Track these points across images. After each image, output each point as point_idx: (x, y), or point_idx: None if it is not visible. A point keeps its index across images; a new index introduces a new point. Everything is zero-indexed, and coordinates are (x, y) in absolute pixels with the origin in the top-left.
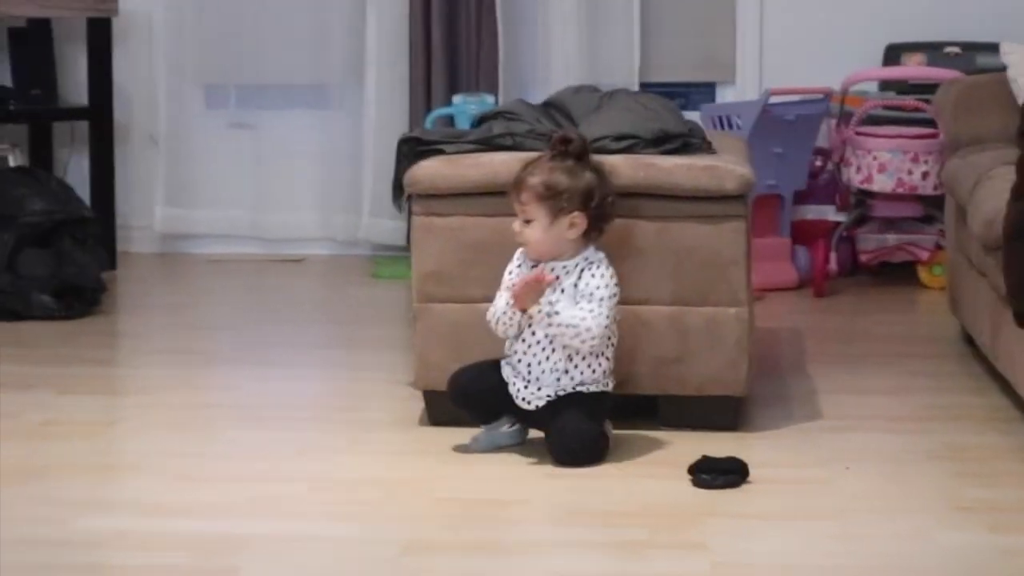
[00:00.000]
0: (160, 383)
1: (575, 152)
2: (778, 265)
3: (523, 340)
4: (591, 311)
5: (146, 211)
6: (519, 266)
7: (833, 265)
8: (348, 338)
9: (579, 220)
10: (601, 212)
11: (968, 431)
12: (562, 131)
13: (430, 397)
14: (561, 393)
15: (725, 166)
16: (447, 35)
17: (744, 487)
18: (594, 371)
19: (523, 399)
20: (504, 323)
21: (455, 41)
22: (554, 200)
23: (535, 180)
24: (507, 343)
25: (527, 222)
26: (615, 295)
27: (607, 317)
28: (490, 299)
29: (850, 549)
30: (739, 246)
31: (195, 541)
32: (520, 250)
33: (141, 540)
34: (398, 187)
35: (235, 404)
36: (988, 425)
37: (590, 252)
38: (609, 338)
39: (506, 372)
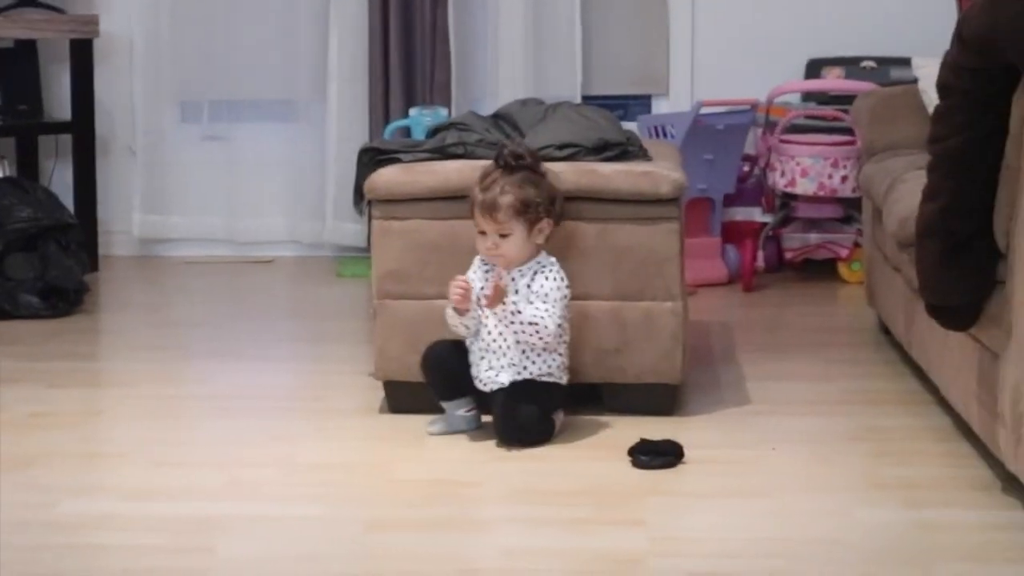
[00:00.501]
0: (140, 376)
1: (529, 164)
2: (709, 262)
3: (487, 332)
4: (547, 311)
5: (125, 217)
6: (487, 271)
7: (760, 262)
8: (314, 333)
9: (547, 226)
10: (560, 214)
11: (885, 414)
12: (511, 146)
13: (390, 386)
14: (517, 379)
15: (660, 171)
16: (403, 54)
17: (680, 467)
18: (549, 365)
19: (481, 381)
20: (459, 330)
21: (411, 59)
22: (528, 212)
23: (509, 199)
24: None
25: (503, 236)
26: (567, 296)
27: (560, 316)
28: (443, 296)
29: (778, 524)
30: (673, 245)
31: (174, 522)
32: (478, 259)
33: (124, 522)
34: (359, 193)
35: (210, 395)
36: (903, 408)
37: (542, 256)
38: (562, 335)
39: (471, 356)
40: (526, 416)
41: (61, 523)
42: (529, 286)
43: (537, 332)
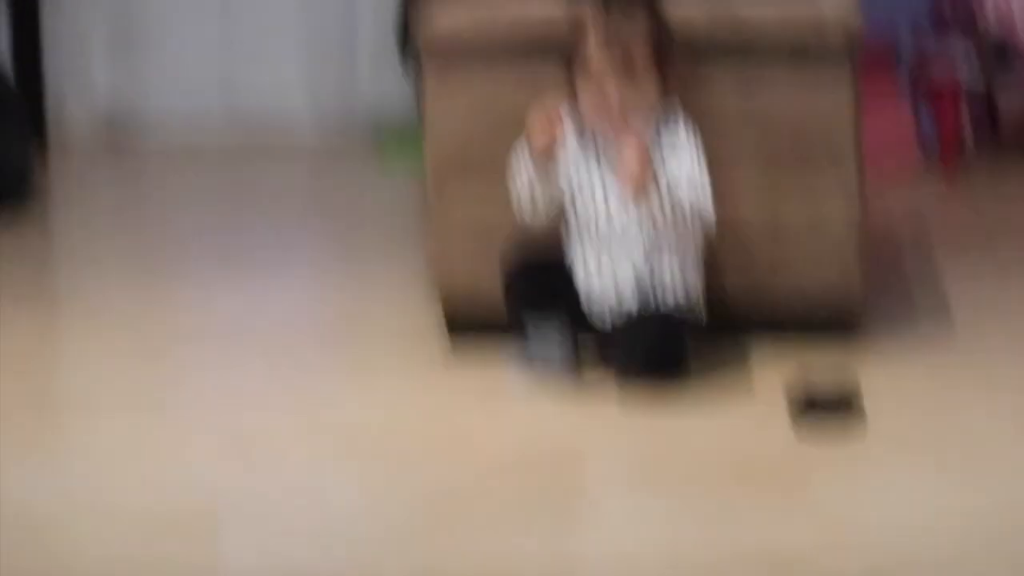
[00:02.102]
0: (112, 303)
1: None
2: (894, 135)
3: (598, 247)
4: (701, 184)
5: (85, 78)
6: (583, 151)
7: (968, 133)
8: (345, 236)
9: (671, 74)
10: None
11: None
12: None
13: (453, 314)
14: (646, 312)
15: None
16: None
17: (858, 425)
18: (686, 290)
19: (599, 316)
20: (527, 192)
21: None
22: (663, 47)
23: (645, 24)
24: (568, 252)
25: (630, 81)
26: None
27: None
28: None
29: (998, 509)
30: (846, 111)
31: (164, 500)
32: (571, 126)
33: (97, 499)
34: (404, 38)
35: (207, 329)
36: None
37: (663, 114)
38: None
39: (577, 283)
40: (666, 339)
41: (11, 502)
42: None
43: (699, 221)
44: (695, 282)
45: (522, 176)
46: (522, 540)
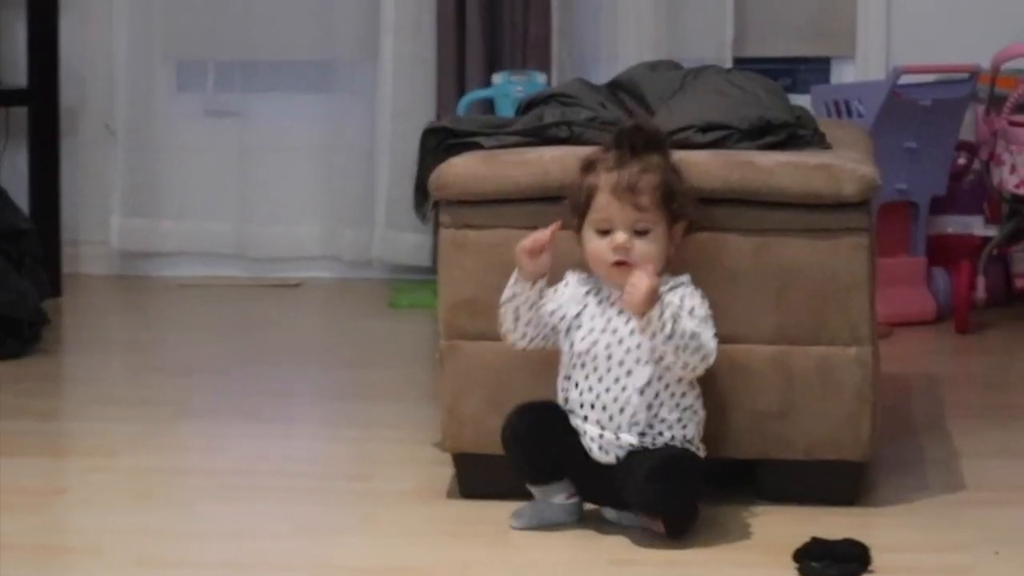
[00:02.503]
0: (119, 442)
1: (660, 147)
2: (910, 292)
3: (596, 378)
4: (703, 317)
5: (100, 222)
6: (588, 293)
7: (981, 292)
8: (357, 385)
9: (680, 230)
10: (695, 221)
11: None
12: (632, 119)
13: (462, 461)
14: (648, 445)
15: (843, 164)
16: None
17: None
18: (684, 427)
19: (600, 448)
20: (510, 308)
21: (496, 5)
22: (672, 205)
23: (654, 179)
24: (561, 392)
25: (640, 233)
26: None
27: (713, 338)
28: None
29: None
30: (861, 267)
31: None
32: (573, 275)
33: None
34: (422, 191)
35: (214, 469)
36: None
37: (667, 275)
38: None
39: (575, 420)
40: (669, 486)
41: None
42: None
43: (700, 351)
44: (693, 418)
45: (507, 292)
46: None
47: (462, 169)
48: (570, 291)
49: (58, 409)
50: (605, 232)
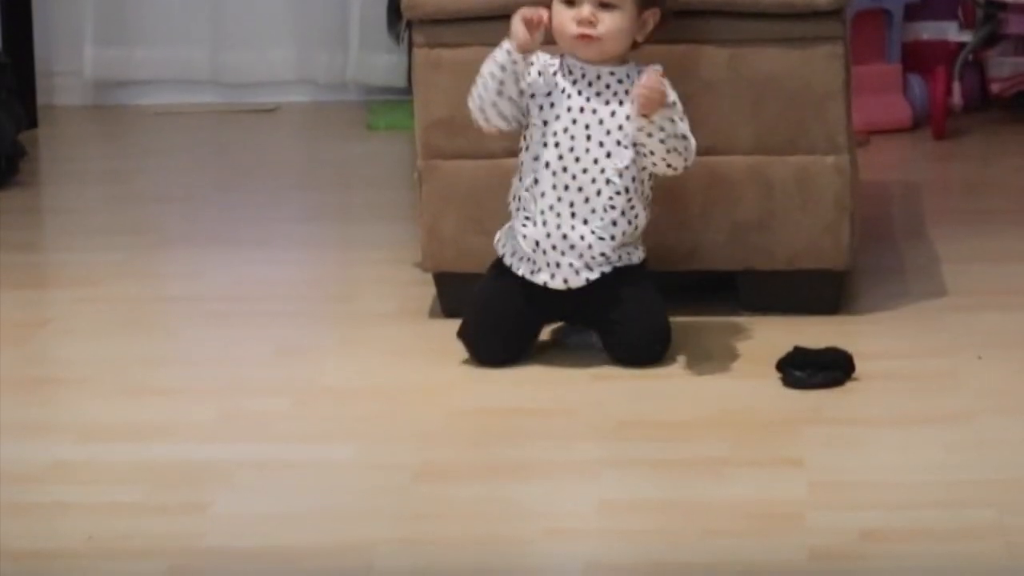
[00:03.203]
0: (101, 271)
1: None
2: (886, 99)
3: (573, 158)
4: (680, 113)
5: (74, 52)
6: (555, 72)
7: (957, 98)
8: (336, 208)
9: (652, 19)
10: (666, 12)
11: None
12: None
13: (442, 280)
14: (606, 270)
15: None
16: None
17: (848, 386)
18: (636, 229)
19: (562, 279)
20: (494, 80)
21: None
22: None
23: None
24: (515, 210)
25: (605, 7)
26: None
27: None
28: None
29: (984, 462)
30: (836, 76)
31: (152, 470)
32: (542, 56)
33: (86, 471)
34: (395, 11)
35: (196, 296)
36: None
37: (633, 63)
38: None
39: (523, 267)
40: (656, 325)
41: (1, 475)
42: (627, 92)
43: (684, 153)
44: (648, 216)
45: (492, 66)
46: (507, 493)
47: None
48: (537, 71)
49: (38, 240)
50: (571, 3)
